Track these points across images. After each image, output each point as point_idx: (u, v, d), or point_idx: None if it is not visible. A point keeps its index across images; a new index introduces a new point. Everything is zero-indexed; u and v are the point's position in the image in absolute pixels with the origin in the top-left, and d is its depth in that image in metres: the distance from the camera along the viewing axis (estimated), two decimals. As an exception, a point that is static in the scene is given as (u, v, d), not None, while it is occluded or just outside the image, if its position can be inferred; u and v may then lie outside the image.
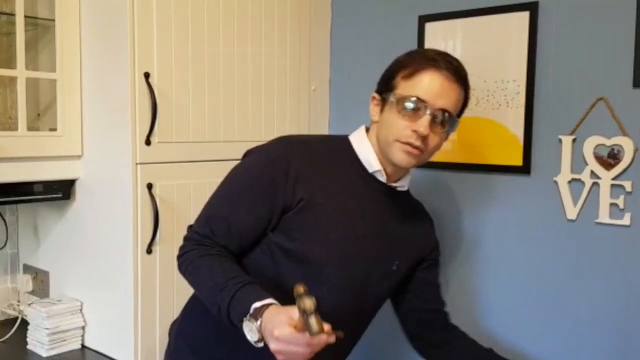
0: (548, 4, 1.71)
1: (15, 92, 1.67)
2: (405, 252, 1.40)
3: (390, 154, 1.25)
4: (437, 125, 1.23)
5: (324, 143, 1.34)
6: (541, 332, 1.78)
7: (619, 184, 1.60)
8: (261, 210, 1.22)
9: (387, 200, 1.34)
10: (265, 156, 1.26)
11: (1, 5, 1.77)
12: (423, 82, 1.22)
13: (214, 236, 1.23)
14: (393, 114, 1.24)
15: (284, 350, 1.00)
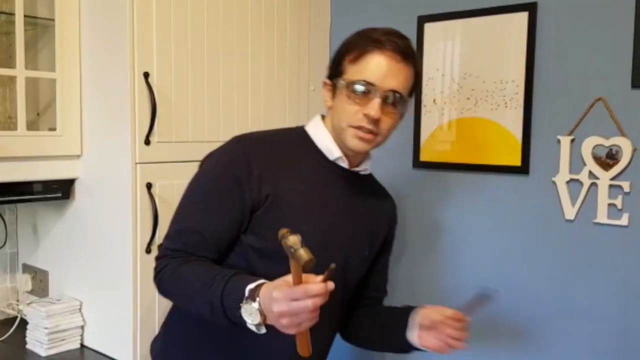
0: (547, 4, 1.71)
1: (14, 91, 1.67)
2: (374, 236, 1.40)
3: (345, 140, 1.24)
4: (388, 106, 1.21)
5: (281, 137, 1.32)
6: (540, 331, 1.78)
7: (617, 184, 1.61)
8: (231, 212, 1.20)
9: (352, 186, 1.33)
10: (225, 157, 1.24)
11: (1, 4, 1.77)
12: (370, 65, 1.20)
13: (188, 249, 1.20)
14: (343, 99, 1.22)
15: (287, 309, 0.97)
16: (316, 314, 0.99)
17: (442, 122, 1.94)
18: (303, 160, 1.28)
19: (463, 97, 1.88)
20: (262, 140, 1.28)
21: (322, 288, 0.97)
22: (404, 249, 2.06)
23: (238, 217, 1.21)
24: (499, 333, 1.86)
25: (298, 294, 0.97)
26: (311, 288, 0.96)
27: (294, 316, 0.98)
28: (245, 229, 1.22)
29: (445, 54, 1.92)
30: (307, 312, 0.97)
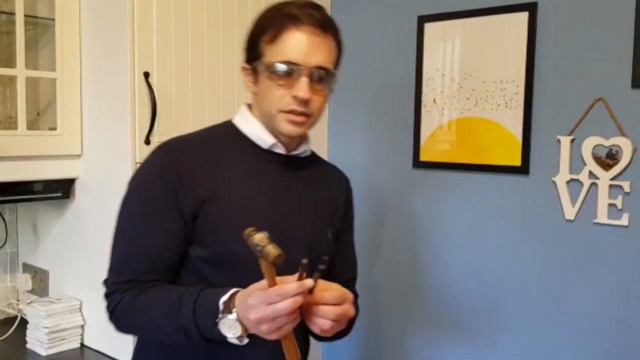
0: (547, 4, 1.71)
1: (15, 91, 1.67)
2: (333, 215, 1.31)
3: (277, 126, 1.15)
4: (316, 84, 1.13)
5: (208, 135, 1.23)
6: (540, 332, 1.78)
7: (617, 184, 1.61)
8: (172, 226, 1.11)
9: (296, 171, 1.24)
10: (151, 169, 1.15)
11: (1, 4, 1.77)
12: (289, 43, 1.11)
13: (139, 276, 1.11)
14: (267, 84, 1.13)
15: (265, 314, 0.93)
16: (296, 315, 0.95)
17: (442, 122, 1.94)
18: (236, 155, 1.19)
19: (463, 97, 1.88)
20: (189, 141, 1.20)
21: (298, 287, 0.93)
22: (404, 249, 2.07)
23: (180, 229, 1.11)
24: (498, 332, 1.86)
25: (274, 296, 0.92)
26: (287, 288, 0.92)
27: (273, 320, 0.93)
28: (191, 240, 1.13)
29: (445, 54, 1.92)
30: (286, 314, 0.92)
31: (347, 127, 2.20)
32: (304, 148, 1.25)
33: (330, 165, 1.40)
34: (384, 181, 2.11)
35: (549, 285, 1.75)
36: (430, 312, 2.01)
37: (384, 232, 2.12)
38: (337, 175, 1.39)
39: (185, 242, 1.13)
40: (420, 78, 1.97)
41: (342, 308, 1.00)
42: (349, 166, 2.19)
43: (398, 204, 2.07)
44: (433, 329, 2.01)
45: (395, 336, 2.12)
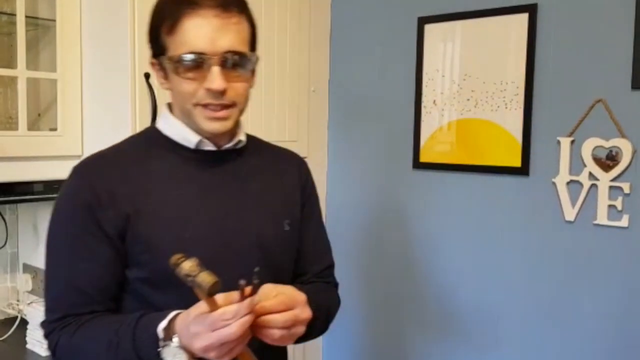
0: (547, 6, 1.71)
1: (15, 92, 1.67)
2: (291, 203, 1.19)
3: (198, 123, 1.04)
4: (232, 71, 1.02)
5: (128, 145, 1.13)
6: (539, 333, 1.78)
7: (617, 185, 1.61)
8: (101, 250, 1.02)
9: (232, 166, 1.12)
10: (66, 196, 1.06)
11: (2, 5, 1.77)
12: (189, 32, 0.99)
13: (75, 310, 1.02)
14: (177, 79, 1.02)
15: (211, 342, 0.85)
16: (246, 335, 0.87)
17: (442, 123, 1.94)
18: (160, 162, 1.08)
19: (463, 98, 1.88)
20: (103, 157, 1.09)
21: (244, 307, 0.85)
22: (404, 249, 2.07)
23: (110, 251, 1.02)
24: (498, 333, 1.86)
25: (218, 322, 0.85)
26: (231, 311, 0.84)
27: (222, 347, 0.86)
28: (126, 262, 1.04)
29: (445, 55, 1.92)
30: (235, 337, 0.85)
31: (347, 129, 2.20)
32: (238, 138, 1.12)
33: (278, 149, 1.26)
34: (384, 182, 2.11)
35: (549, 286, 1.75)
36: (431, 313, 2.01)
37: (383, 233, 2.12)
38: (288, 160, 1.24)
39: (120, 265, 1.03)
40: (420, 79, 1.97)
41: (292, 313, 0.93)
42: (349, 167, 2.20)
43: (398, 205, 2.07)
44: (433, 330, 2.01)
45: (395, 337, 2.12)
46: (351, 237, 2.20)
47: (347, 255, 2.21)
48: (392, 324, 2.12)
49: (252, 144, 1.19)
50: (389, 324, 2.13)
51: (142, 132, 1.16)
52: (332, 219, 2.25)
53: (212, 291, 0.84)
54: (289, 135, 2.11)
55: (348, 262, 2.21)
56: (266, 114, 2.00)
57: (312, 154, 2.21)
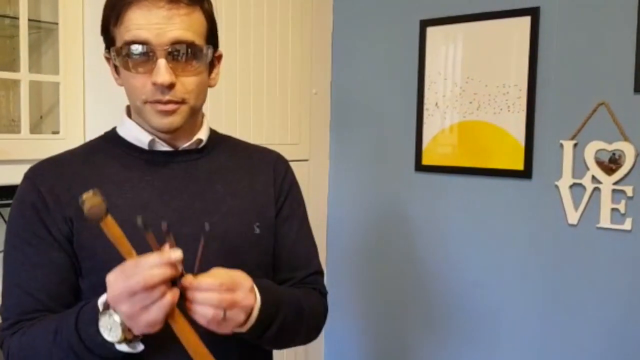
0: (549, 9, 1.71)
1: (18, 94, 1.67)
2: (262, 204, 1.08)
3: (148, 120, 0.98)
4: (181, 63, 0.94)
5: (80, 149, 1.07)
6: (541, 335, 1.78)
7: (620, 189, 1.60)
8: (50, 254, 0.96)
9: (192, 166, 1.04)
10: (16, 200, 1.01)
11: (5, 8, 1.77)
12: (133, 21, 0.92)
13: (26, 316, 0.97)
14: (125, 74, 0.97)
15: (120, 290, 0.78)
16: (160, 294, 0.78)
17: (444, 125, 1.94)
18: (112, 164, 1.02)
19: (465, 100, 1.88)
20: (55, 160, 1.04)
21: (158, 257, 0.78)
22: (406, 252, 2.06)
23: (60, 256, 0.96)
24: (501, 335, 1.86)
25: (130, 269, 0.78)
26: (145, 260, 0.78)
27: (131, 298, 0.78)
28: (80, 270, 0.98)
29: (447, 57, 1.92)
30: (141, 288, 0.77)
31: (349, 131, 2.20)
32: (199, 136, 1.04)
33: (254, 148, 1.16)
34: (385, 185, 2.10)
35: (552, 289, 1.75)
36: (433, 315, 2.01)
37: (385, 235, 2.12)
38: (261, 158, 1.14)
39: (73, 271, 0.97)
40: (423, 81, 1.97)
41: (231, 294, 0.84)
42: (351, 170, 2.19)
43: (400, 207, 2.07)
44: (434, 332, 2.01)
45: (397, 340, 2.11)
46: (353, 240, 2.20)
47: (349, 258, 2.20)
48: (394, 327, 2.11)
49: (222, 144, 1.10)
50: (391, 327, 2.12)
51: (102, 135, 1.09)
52: (333, 222, 2.25)
53: (92, 213, 0.74)
54: (290, 137, 2.11)
55: (350, 265, 2.21)
56: (268, 116, 2.00)
57: (314, 157, 2.21)
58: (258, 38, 1.94)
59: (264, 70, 1.97)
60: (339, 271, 2.24)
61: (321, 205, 2.27)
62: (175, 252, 0.79)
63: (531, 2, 1.73)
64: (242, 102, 1.91)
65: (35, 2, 1.77)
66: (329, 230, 2.27)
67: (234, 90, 1.88)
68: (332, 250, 2.25)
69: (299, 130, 2.13)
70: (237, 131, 1.88)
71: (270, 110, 2.01)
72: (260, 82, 1.97)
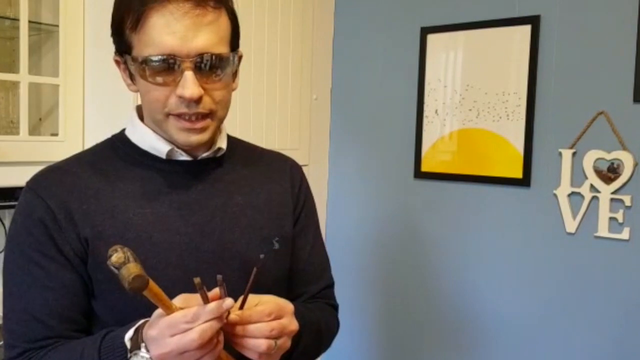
0: (549, 18, 1.72)
1: (17, 96, 1.67)
2: (281, 217, 1.02)
3: (171, 134, 0.90)
4: (208, 74, 0.87)
5: (91, 155, 0.97)
6: (539, 345, 1.78)
7: (618, 198, 1.61)
8: (65, 276, 0.87)
9: (211, 176, 0.97)
10: (19, 215, 0.91)
11: (5, 10, 1.77)
12: (156, 30, 0.84)
13: (35, 344, 0.87)
14: (144, 84, 0.88)
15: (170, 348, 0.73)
16: (212, 343, 0.74)
17: (443, 133, 1.94)
18: (127, 175, 0.93)
19: (465, 108, 1.88)
20: (61, 169, 0.93)
21: (213, 310, 0.72)
22: (404, 259, 2.06)
23: (73, 277, 0.88)
24: (498, 344, 1.86)
25: (179, 325, 0.72)
26: (196, 313, 0.72)
27: (182, 356, 0.73)
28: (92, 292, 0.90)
29: (447, 65, 1.93)
30: (196, 345, 0.72)
31: (348, 137, 2.20)
32: (217, 146, 0.98)
33: (267, 154, 1.11)
34: (385, 191, 2.10)
35: (549, 298, 1.75)
36: (430, 321, 2.01)
37: (384, 241, 2.11)
38: (277, 165, 1.08)
39: (84, 293, 0.89)
40: (423, 89, 1.98)
41: (279, 322, 0.81)
42: (350, 176, 2.19)
43: (399, 214, 2.07)
44: (431, 337, 2.00)
45: (393, 343, 2.11)
46: (351, 246, 2.19)
47: (347, 264, 2.20)
48: (391, 333, 2.11)
49: (237, 150, 1.04)
50: (388, 332, 2.12)
51: (108, 140, 0.99)
52: (332, 228, 2.25)
53: (133, 286, 0.69)
54: (290, 143, 2.11)
55: (349, 272, 2.20)
56: (268, 121, 2.00)
57: (314, 163, 2.21)
58: (259, 43, 1.94)
59: (264, 75, 1.97)
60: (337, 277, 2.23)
61: (320, 210, 2.25)
62: (227, 301, 0.74)
63: (531, 11, 1.74)
64: (242, 107, 1.91)
65: (35, 3, 1.77)
66: (327, 236, 2.27)
67: (234, 95, 1.87)
68: (331, 256, 2.24)
69: (299, 135, 2.13)
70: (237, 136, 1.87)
71: (270, 115, 2.01)
72: (260, 87, 1.96)
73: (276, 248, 0.99)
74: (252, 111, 1.95)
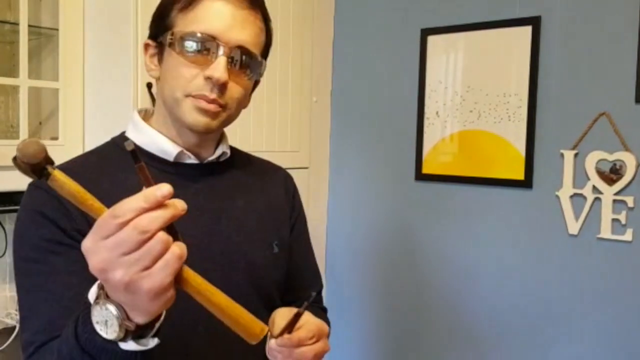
0: (550, 19, 1.71)
1: (17, 100, 1.67)
2: (280, 223, 1.06)
3: (182, 115, 0.91)
4: (236, 70, 0.91)
5: (97, 156, 0.97)
6: (541, 346, 1.77)
7: (620, 199, 1.60)
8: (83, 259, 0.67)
9: (216, 180, 0.99)
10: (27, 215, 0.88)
11: (5, 14, 1.77)
12: (207, 12, 0.89)
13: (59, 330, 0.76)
14: (175, 61, 0.90)
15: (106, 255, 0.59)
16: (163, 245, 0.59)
17: (444, 134, 1.93)
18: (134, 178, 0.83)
19: (466, 109, 1.88)
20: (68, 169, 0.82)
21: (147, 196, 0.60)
22: (405, 261, 2.05)
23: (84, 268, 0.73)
24: (500, 345, 1.85)
25: (108, 223, 0.59)
26: (124, 206, 0.59)
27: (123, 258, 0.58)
28: None
29: (448, 66, 1.92)
30: (134, 242, 0.58)
31: (349, 139, 2.20)
32: (222, 150, 1.00)
33: (262, 162, 1.14)
34: (386, 193, 2.10)
35: (552, 300, 1.74)
36: (431, 322, 2.00)
37: (385, 244, 2.11)
38: (273, 174, 1.12)
39: None
40: (423, 90, 1.97)
41: (320, 345, 0.86)
42: (351, 178, 2.19)
43: (400, 216, 2.06)
44: (433, 338, 1.99)
45: (394, 345, 2.10)
46: (352, 248, 2.19)
47: (348, 266, 2.19)
48: (393, 336, 2.10)
49: (236, 157, 1.06)
50: (389, 335, 2.11)
51: (110, 142, 0.99)
52: (333, 230, 2.24)
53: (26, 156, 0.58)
54: (290, 145, 2.10)
55: (349, 274, 2.20)
56: (268, 123, 2.00)
57: (314, 165, 2.21)
58: (258, 45, 1.94)
59: (264, 77, 1.96)
60: (337, 278, 2.23)
61: (321, 213, 2.26)
62: (162, 187, 0.61)
63: (532, 12, 1.73)
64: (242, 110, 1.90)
65: (35, 8, 1.77)
66: (328, 238, 2.26)
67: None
68: (332, 258, 2.24)
69: (299, 137, 2.13)
70: (238, 138, 1.87)
71: (270, 117, 2.01)
72: (260, 89, 1.95)
73: (276, 252, 1.02)
74: (252, 113, 1.94)
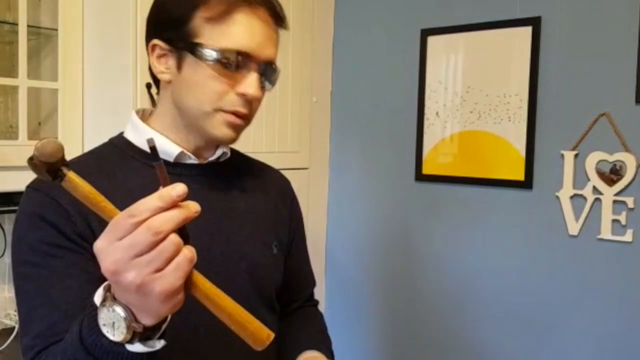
0: (550, 19, 1.71)
1: (16, 100, 1.66)
2: (279, 224, 1.06)
3: (209, 128, 0.91)
4: (263, 82, 0.93)
5: (96, 157, 0.96)
6: (540, 347, 1.77)
7: (621, 200, 1.60)
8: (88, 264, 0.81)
9: (217, 181, 0.99)
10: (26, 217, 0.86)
11: (4, 14, 1.77)
12: (240, 27, 0.88)
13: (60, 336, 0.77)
14: (204, 72, 0.88)
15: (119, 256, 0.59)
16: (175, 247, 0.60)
17: (444, 135, 1.93)
18: (134, 178, 0.91)
19: (466, 110, 1.87)
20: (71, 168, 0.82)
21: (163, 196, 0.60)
22: (405, 261, 2.05)
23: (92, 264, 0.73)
24: (502, 346, 1.85)
25: (123, 224, 0.59)
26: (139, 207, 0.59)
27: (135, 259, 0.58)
28: None
29: (448, 67, 1.92)
30: (150, 243, 0.58)
31: (349, 140, 2.20)
32: (222, 150, 0.99)
33: (262, 165, 1.14)
34: (386, 194, 2.09)
35: (552, 301, 1.74)
36: (430, 325, 2.00)
37: (385, 244, 2.10)
38: (272, 176, 1.12)
39: None
40: (423, 91, 1.97)
41: None
42: (351, 178, 2.19)
43: (400, 217, 2.06)
44: (432, 342, 1.99)
45: (393, 347, 2.10)
46: (352, 249, 2.18)
47: (349, 268, 2.19)
48: (393, 336, 2.10)
49: (234, 158, 1.06)
50: (390, 335, 2.11)
51: (108, 143, 0.98)
52: (332, 230, 2.24)
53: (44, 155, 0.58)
54: (290, 146, 2.10)
55: (350, 275, 2.19)
56: (268, 124, 2.00)
57: (314, 165, 2.21)
58: (258, 46, 1.94)
59: (264, 78, 1.97)
60: (338, 279, 2.22)
61: (321, 213, 2.26)
62: (177, 187, 0.61)
63: (532, 12, 1.73)
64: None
65: (34, 8, 1.77)
66: (328, 238, 2.26)
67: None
68: (332, 259, 2.24)
69: (299, 138, 2.12)
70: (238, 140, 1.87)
71: (270, 118, 2.00)
72: (260, 90, 1.96)
73: (275, 253, 1.02)
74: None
